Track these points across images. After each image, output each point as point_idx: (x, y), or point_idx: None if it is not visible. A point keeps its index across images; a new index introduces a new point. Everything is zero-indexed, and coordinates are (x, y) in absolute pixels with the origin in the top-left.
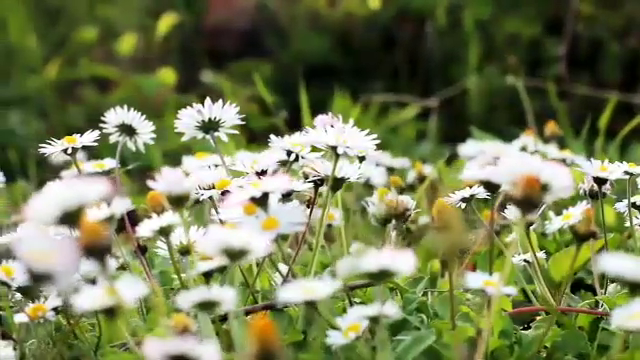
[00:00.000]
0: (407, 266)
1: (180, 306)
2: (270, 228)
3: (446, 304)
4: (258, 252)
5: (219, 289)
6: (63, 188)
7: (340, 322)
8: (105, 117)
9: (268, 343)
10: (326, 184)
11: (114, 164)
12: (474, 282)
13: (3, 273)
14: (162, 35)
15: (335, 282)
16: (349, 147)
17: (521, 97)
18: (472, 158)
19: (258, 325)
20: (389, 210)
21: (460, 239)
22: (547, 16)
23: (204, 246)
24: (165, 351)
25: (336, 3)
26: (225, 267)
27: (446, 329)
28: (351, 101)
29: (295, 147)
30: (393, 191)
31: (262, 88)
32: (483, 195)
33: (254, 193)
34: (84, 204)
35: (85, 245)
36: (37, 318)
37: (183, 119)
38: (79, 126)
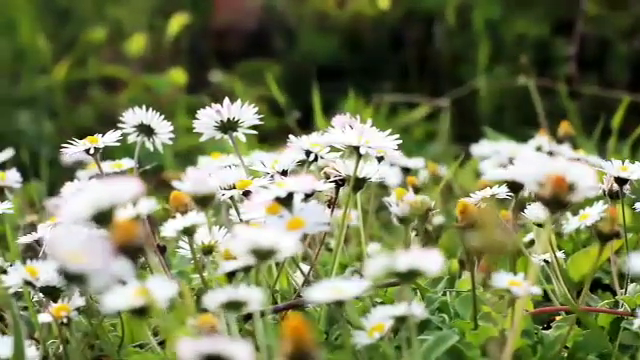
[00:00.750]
0: (435, 266)
1: (206, 306)
2: (295, 228)
3: (467, 304)
4: (286, 252)
5: (246, 289)
6: (96, 187)
7: (364, 322)
8: (123, 117)
9: (302, 343)
10: (347, 184)
11: (131, 164)
12: (499, 282)
13: (28, 273)
14: (173, 36)
15: (363, 282)
16: (371, 147)
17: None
18: (486, 158)
19: (291, 325)
20: (412, 210)
21: (497, 239)
22: (555, 16)
23: (232, 245)
24: (199, 350)
25: (344, 3)
26: (249, 267)
27: (468, 329)
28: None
29: (314, 147)
30: (410, 191)
31: (274, 88)
32: (503, 195)
33: (279, 193)
34: (117, 203)
35: (118, 244)
36: (61, 318)
37: (202, 119)
38: (89, 126)
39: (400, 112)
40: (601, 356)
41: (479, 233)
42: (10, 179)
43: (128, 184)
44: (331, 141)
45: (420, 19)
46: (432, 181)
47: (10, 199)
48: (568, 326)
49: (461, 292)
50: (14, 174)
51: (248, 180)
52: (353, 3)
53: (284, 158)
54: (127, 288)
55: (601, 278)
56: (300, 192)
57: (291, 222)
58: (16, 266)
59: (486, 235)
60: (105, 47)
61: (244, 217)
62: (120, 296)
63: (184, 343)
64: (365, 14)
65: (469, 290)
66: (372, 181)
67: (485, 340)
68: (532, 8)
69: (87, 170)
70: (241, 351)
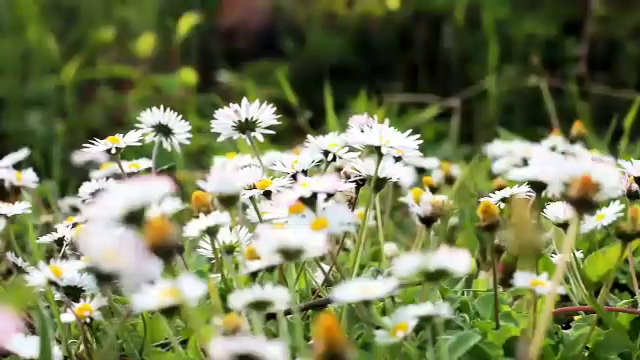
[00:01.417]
0: (463, 266)
1: (232, 305)
2: (320, 228)
3: (487, 304)
4: (314, 252)
5: (272, 288)
6: (127, 187)
7: (387, 321)
8: (138, 117)
9: (334, 343)
10: (367, 184)
11: (149, 164)
12: (522, 281)
13: (52, 273)
14: (183, 36)
15: (391, 281)
16: (392, 147)
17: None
18: (498, 158)
19: (324, 325)
20: (435, 210)
21: (533, 238)
22: (564, 17)
23: (259, 245)
24: (231, 350)
25: (353, 4)
26: (273, 267)
27: (490, 329)
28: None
29: (332, 147)
30: (427, 191)
31: (286, 88)
32: (523, 195)
33: (304, 193)
34: (149, 203)
35: (152, 244)
36: (84, 318)
37: (220, 119)
38: (98, 126)
39: (410, 112)
40: (622, 356)
41: (514, 233)
42: (26, 179)
43: (158, 183)
44: (353, 141)
45: (429, 19)
46: (445, 181)
47: (27, 199)
48: (588, 326)
49: (481, 292)
50: (30, 174)
51: (268, 180)
52: (362, 3)
53: (304, 158)
54: (156, 287)
55: (618, 278)
56: (324, 192)
57: (315, 222)
58: (40, 266)
59: (521, 235)
60: (113, 47)
61: (266, 217)
62: (150, 296)
63: (217, 343)
64: (374, 14)
65: (488, 290)
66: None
67: (507, 340)
68: (541, 8)
69: (101, 170)
70: (274, 351)
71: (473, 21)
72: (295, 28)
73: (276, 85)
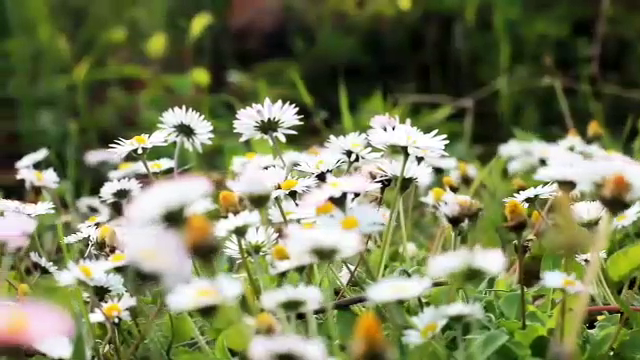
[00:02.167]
0: (497, 266)
1: (265, 305)
2: (350, 228)
3: (511, 303)
4: (348, 251)
5: (304, 288)
6: (165, 187)
7: (417, 321)
8: (163, 117)
9: (375, 343)
10: (393, 184)
11: (171, 164)
12: (553, 281)
13: (82, 273)
14: (196, 36)
15: (425, 281)
16: (418, 147)
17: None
18: (515, 158)
19: (364, 324)
20: (462, 210)
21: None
22: (574, 17)
23: (291, 245)
24: (271, 350)
25: (364, 4)
26: (303, 267)
27: (516, 328)
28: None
29: (355, 147)
30: (448, 191)
31: (301, 88)
32: (546, 195)
33: (333, 193)
34: (187, 203)
35: (192, 244)
36: (112, 318)
37: (242, 119)
38: (110, 126)
39: (422, 112)
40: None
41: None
42: (47, 179)
43: (196, 183)
44: (379, 141)
45: (439, 19)
46: (462, 181)
47: (49, 199)
48: (612, 325)
49: (503, 292)
50: (51, 174)
51: (293, 180)
52: (372, 3)
53: (329, 158)
54: (192, 287)
55: (636, 277)
56: (353, 192)
57: (345, 222)
58: (70, 266)
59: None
60: (123, 47)
61: (294, 217)
62: (186, 295)
63: (257, 343)
64: (385, 14)
65: (511, 290)
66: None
67: (534, 339)
68: (551, 9)
69: (120, 170)
70: (313, 350)
71: (484, 21)
72: (305, 28)
73: (286, 85)
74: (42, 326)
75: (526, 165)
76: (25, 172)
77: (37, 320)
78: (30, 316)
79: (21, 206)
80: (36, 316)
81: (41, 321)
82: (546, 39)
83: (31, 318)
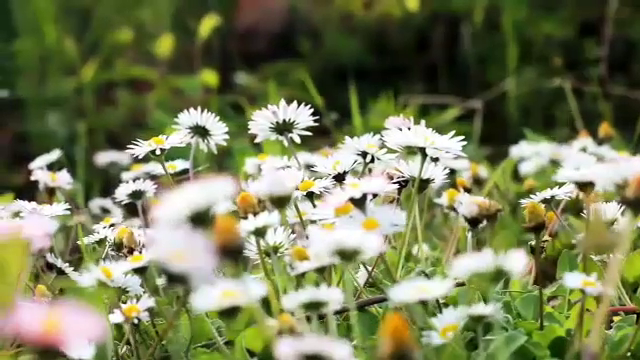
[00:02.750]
0: (520, 266)
1: (287, 306)
2: (370, 229)
3: (528, 304)
4: (371, 252)
5: (326, 289)
6: (192, 188)
7: (436, 322)
8: (178, 118)
9: (402, 343)
10: (411, 185)
11: (186, 165)
12: (573, 282)
13: (103, 274)
14: (204, 37)
15: (448, 282)
16: (437, 148)
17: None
18: (526, 159)
19: (392, 325)
20: (481, 211)
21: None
22: (581, 18)
23: (314, 246)
24: (299, 350)
25: (371, 5)
26: (323, 268)
27: (534, 329)
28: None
29: (370, 148)
30: (462, 192)
31: (312, 89)
32: (563, 196)
33: (354, 194)
34: (213, 204)
35: (220, 245)
36: (132, 319)
37: (258, 120)
38: (117, 128)
39: (430, 113)
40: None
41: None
42: (61, 180)
43: (223, 184)
44: (396, 142)
45: (447, 20)
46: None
47: (63, 200)
48: (629, 326)
49: (519, 292)
50: (65, 175)
51: (310, 181)
52: (380, 4)
53: (345, 159)
54: (216, 288)
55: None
56: (374, 193)
57: (366, 223)
58: (90, 267)
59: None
60: (130, 48)
61: (313, 218)
62: (208, 297)
63: (284, 343)
64: (392, 15)
65: (527, 290)
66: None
67: (552, 340)
68: (558, 10)
69: (132, 171)
70: (341, 351)
71: (491, 22)
72: (311, 29)
73: (294, 86)
74: (76, 327)
75: (537, 166)
76: (39, 173)
77: (71, 321)
78: (64, 317)
79: (38, 207)
80: (70, 317)
81: (75, 322)
82: (553, 40)
83: (65, 319)
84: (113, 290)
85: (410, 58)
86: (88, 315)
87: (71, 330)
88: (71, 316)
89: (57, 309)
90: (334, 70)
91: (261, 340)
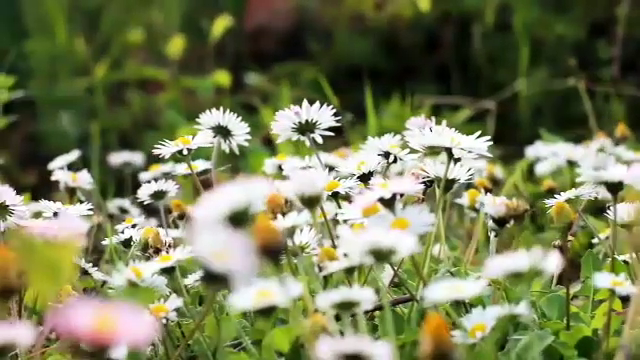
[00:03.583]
0: (554, 266)
1: (320, 306)
2: (400, 229)
3: (552, 304)
4: (405, 252)
5: (358, 289)
6: (230, 188)
7: (465, 322)
8: (200, 118)
9: (443, 343)
10: (436, 185)
11: (207, 165)
12: (602, 282)
13: (133, 274)
14: (216, 38)
15: (482, 281)
16: (464, 149)
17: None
18: (542, 159)
19: (432, 325)
20: (509, 211)
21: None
22: (591, 19)
23: (348, 246)
24: (338, 350)
25: (383, 5)
26: (352, 268)
27: (560, 329)
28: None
29: (393, 149)
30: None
31: (327, 90)
32: (587, 196)
33: (383, 194)
34: (252, 204)
35: (261, 245)
36: (160, 318)
37: (280, 120)
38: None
39: (442, 114)
40: None
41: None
42: (81, 180)
43: (260, 184)
44: (422, 142)
45: (457, 21)
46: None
47: (85, 200)
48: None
49: (546, 292)
50: (85, 175)
51: (336, 182)
52: (391, 4)
53: (370, 160)
54: (251, 288)
55: None
56: (403, 193)
57: (395, 223)
58: (120, 267)
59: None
60: (140, 49)
61: (341, 218)
62: (244, 296)
63: (323, 343)
64: (403, 15)
65: (551, 290)
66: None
67: (579, 340)
68: (569, 10)
69: (150, 172)
70: (380, 351)
71: (502, 23)
72: (322, 29)
73: (304, 87)
74: (128, 327)
75: (553, 166)
76: (60, 173)
77: (123, 321)
78: (116, 317)
79: (63, 207)
80: (122, 317)
81: (127, 322)
82: (564, 41)
83: (117, 319)
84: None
85: (421, 58)
86: (139, 315)
87: (123, 330)
88: (123, 316)
89: (108, 309)
90: (344, 70)
91: (289, 340)
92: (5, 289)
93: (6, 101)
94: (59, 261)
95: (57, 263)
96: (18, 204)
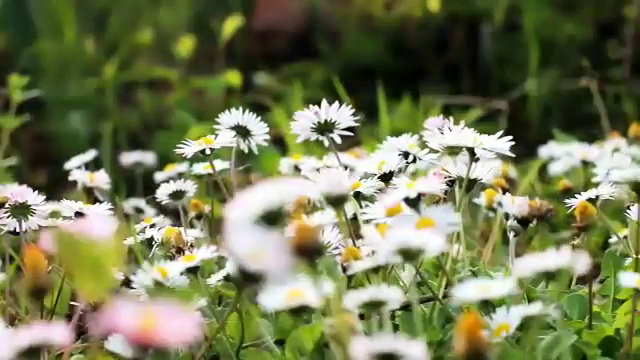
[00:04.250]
0: (583, 266)
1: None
2: (426, 228)
3: (573, 303)
4: (434, 251)
5: (386, 288)
6: (265, 188)
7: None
8: (220, 118)
9: (477, 341)
10: (458, 185)
11: (225, 165)
12: (627, 281)
13: (159, 273)
14: (227, 38)
15: (510, 281)
16: (486, 149)
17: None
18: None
19: (466, 323)
20: (532, 211)
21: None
22: (600, 19)
23: (376, 245)
24: (374, 349)
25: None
26: (378, 267)
27: (582, 328)
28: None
29: (412, 148)
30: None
31: (340, 91)
32: (608, 196)
33: (409, 194)
34: (286, 204)
35: (298, 245)
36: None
37: (300, 121)
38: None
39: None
40: None
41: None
42: (99, 180)
43: (294, 184)
44: (444, 142)
45: (466, 21)
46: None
47: (103, 200)
48: None
49: (567, 292)
50: (103, 175)
51: (357, 182)
52: (400, 5)
53: (391, 160)
54: (282, 288)
55: None
56: (428, 193)
57: (420, 222)
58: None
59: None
60: (149, 49)
61: (364, 218)
62: (276, 296)
63: (358, 342)
64: (412, 16)
65: (572, 290)
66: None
67: (602, 339)
68: (577, 11)
69: (166, 171)
70: (416, 350)
71: (511, 23)
72: (330, 30)
73: (314, 87)
74: (172, 326)
75: (567, 166)
76: (77, 173)
77: (168, 320)
78: (161, 316)
79: (84, 207)
80: (166, 316)
81: (171, 321)
82: (573, 41)
83: (162, 318)
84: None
85: (430, 59)
86: (183, 314)
87: (168, 329)
88: (167, 315)
89: (153, 308)
90: (354, 71)
91: (312, 340)
92: (37, 289)
93: (21, 101)
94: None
95: (103, 263)
96: (40, 204)
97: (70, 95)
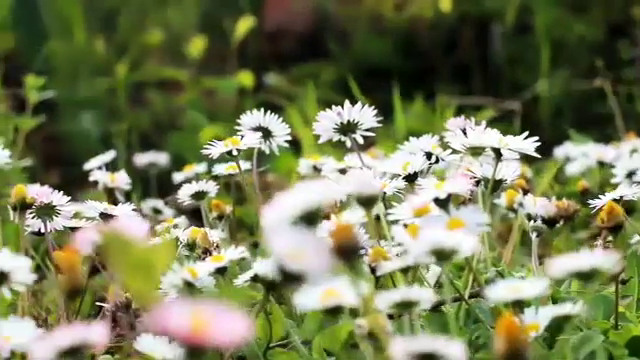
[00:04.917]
0: (615, 266)
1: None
2: (455, 229)
3: (597, 303)
4: (467, 252)
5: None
6: (304, 189)
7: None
8: (240, 120)
9: (516, 341)
10: (483, 186)
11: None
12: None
13: (189, 274)
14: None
15: (542, 281)
16: (511, 149)
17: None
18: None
19: (505, 323)
20: (560, 211)
21: None
22: (610, 20)
23: (409, 246)
24: (413, 350)
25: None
26: (407, 268)
27: (608, 328)
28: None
29: (435, 149)
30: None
31: (355, 91)
32: (630, 197)
33: (438, 194)
34: (324, 204)
35: (337, 245)
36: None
37: (322, 121)
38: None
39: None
40: None
41: None
42: (120, 180)
43: (331, 186)
44: (469, 143)
45: (477, 21)
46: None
47: (123, 201)
48: None
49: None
50: (123, 176)
51: (384, 182)
52: (411, 5)
53: (415, 160)
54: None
55: None
56: (457, 194)
57: (450, 223)
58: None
59: None
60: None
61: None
62: (311, 296)
63: (397, 343)
64: (422, 16)
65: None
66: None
67: (628, 340)
68: (588, 11)
69: (184, 172)
70: (455, 350)
71: (522, 24)
72: (339, 30)
73: (324, 87)
74: (224, 327)
75: (583, 167)
76: (98, 173)
77: (219, 321)
78: (212, 317)
79: (109, 207)
80: (218, 317)
81: (223, 322)
82: (583, 41)
83: (213, 319)
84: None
85: (440, 59)
86: (234, 315)
87: (218, 330)
88: (219, 316)
89: (204, 309)
90: (364, 71)
91: (339, 341)
92: (73, 289)
93: (36, 102)
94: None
95: (153, 264)
96: (65, 204)
97: (81, 95)
